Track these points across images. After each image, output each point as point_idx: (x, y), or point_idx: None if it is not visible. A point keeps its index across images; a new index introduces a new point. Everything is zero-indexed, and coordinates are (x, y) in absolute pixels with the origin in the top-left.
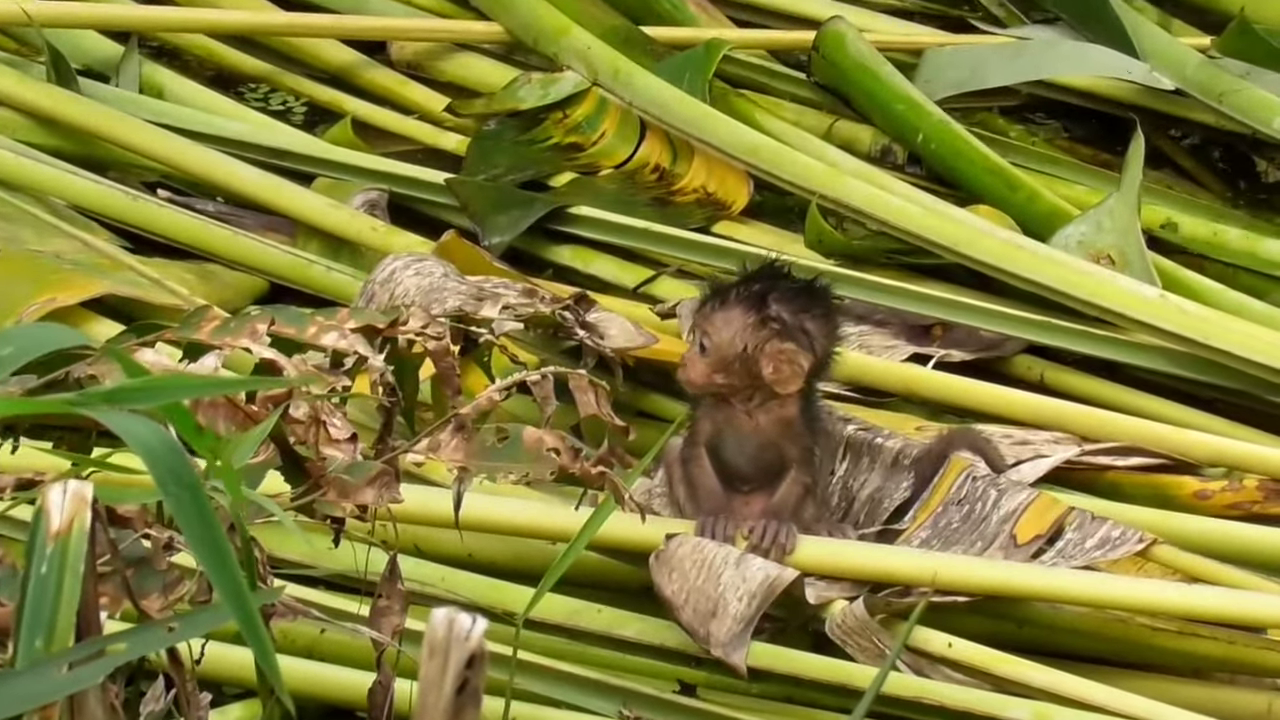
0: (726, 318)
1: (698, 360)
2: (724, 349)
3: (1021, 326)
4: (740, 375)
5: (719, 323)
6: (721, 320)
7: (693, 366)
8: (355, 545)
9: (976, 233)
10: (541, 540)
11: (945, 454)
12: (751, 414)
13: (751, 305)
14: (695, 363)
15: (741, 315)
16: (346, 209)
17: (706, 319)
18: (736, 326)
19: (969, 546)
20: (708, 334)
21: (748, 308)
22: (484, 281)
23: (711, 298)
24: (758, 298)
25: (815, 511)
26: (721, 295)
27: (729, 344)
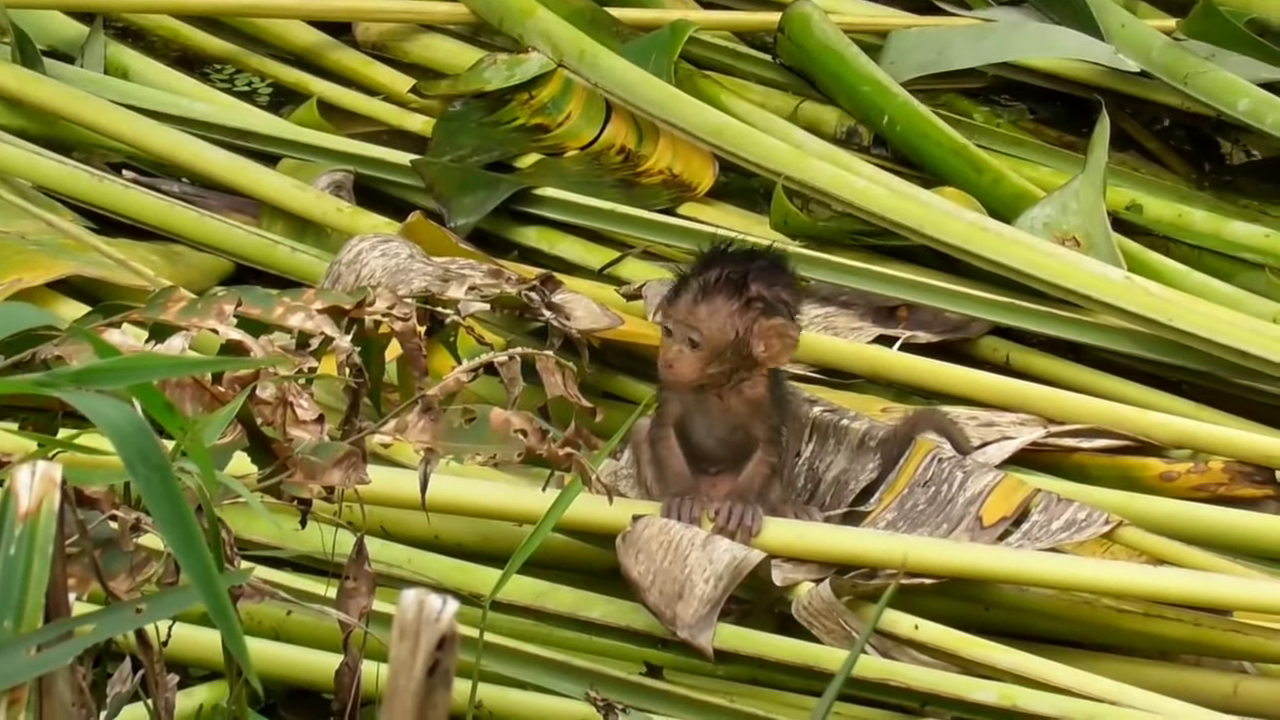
0: (711, 308)
1: (688, 357)
2: (716, 340)
3: (987, 308)
4: (732, 361)
5: (704, 315)
6: (706, 312)
7: (682, 365)
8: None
9: (942, 214)
10: (508, 522)
11: (911, 436)
12: (723, 395)
13: (733, 290)
14: (685, 360)
15: (725, 302)
16: (312, 190)
17: (689, 314)
18: (724, 314)
19: (935, 529)
20: (695, 329)
21: (730, 293)
22: (450, 263)
23: (683, 293)
24: (737, 281)
25: (781, 493)
26: (700, 288)
27: (720, 333)
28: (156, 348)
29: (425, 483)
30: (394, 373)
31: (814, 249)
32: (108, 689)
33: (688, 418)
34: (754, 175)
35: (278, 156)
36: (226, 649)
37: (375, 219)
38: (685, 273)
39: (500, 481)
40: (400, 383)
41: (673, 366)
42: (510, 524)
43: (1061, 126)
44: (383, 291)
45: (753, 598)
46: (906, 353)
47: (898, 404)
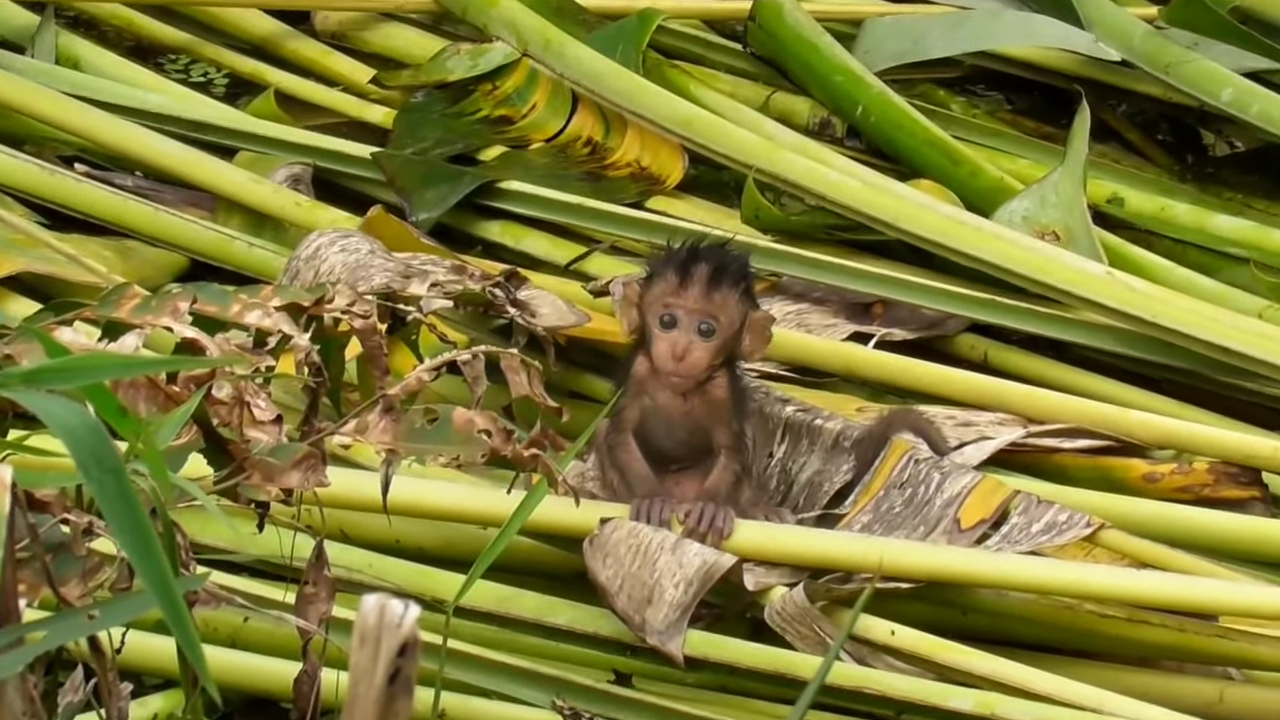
0: (724, 296)
1: (702, 347)
2: (727, 329)
3: (964, 304)
4: (727, 354)
5: (720, 301)
6: (721, 299)
7: (697, 354)
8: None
9: (918, 208)
10: (472, 525)
11: (887, 436)
12: (686, 396)
13: (736, 278)
14: (699, 350)
15: (732, 290)
16: (269, 184)
17: (705, 301)
18: (733, 302)
19: (911, 531)
20: (712, 316)
21: (734, 282)
22: (412, 258)
23: (689, 280)
24: (738, 270)
25: (752, 495)
26: (710, 274)
27: (731, 323)
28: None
29: (386, 485)
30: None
31: (786, 243)
32: (59, 698)
33: (646, 421)
34: (725, 168)
35: (234, 149)
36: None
37: (335, 213)
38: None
39: (464, 483)
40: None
41: (685, 358)
42: (474, 527)
43: (1040, 117)
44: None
45: (724, 603)
46: (881, 350)
47: (873, 403)
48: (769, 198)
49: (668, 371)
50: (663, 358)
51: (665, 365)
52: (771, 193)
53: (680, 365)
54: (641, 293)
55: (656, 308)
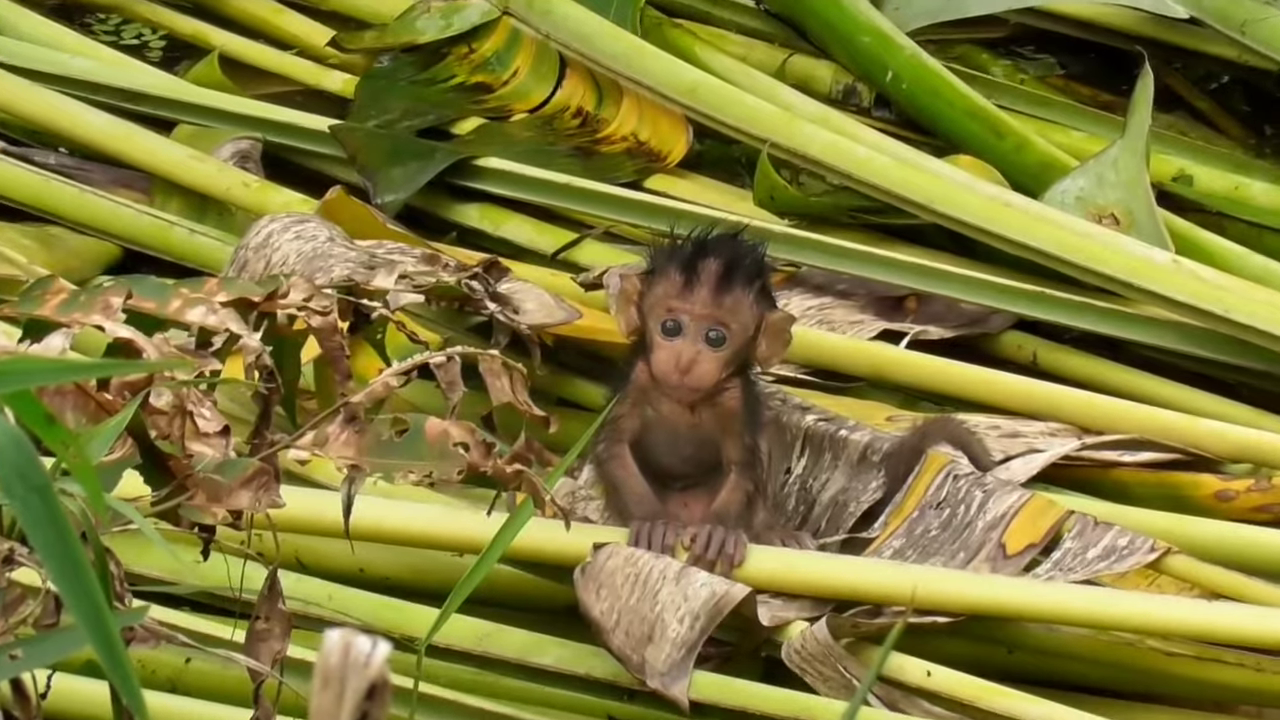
0: (735, 299)
1: (711, 357)
2: (739, 335)
3: (1010, 298)
4: (740, 362)
5: (730, 305)
6: (732, 302)
7: (706, 365)
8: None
9: (956, 187)
10: (446, 552)
11: (921, 449)
12: (694, 407)
13: (749, 278)
14: (708, 360)
15: (744, 292)
16: (213, 161)
17: (715, 305)
18: (746, 305)
19: (950, 558)
20: (722, 323)
21: (746, 282)
22: (376, 247)
23: (696, 281)
24: (752, 268)
25: (767, 517)
26: (719, 274)
27: (744, 328)
28: (32, 348)
29: (349, 506)
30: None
31: (805, 229)
32: None
33: (647, 434)
34: (735, 142)
35: (173, 122)
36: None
37: (288, 195)
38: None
39: (437, 504)
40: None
41: (693, 370)
42: (449, 554)
43: (1097, 83)
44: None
45: (735, 640)
46: (915, 351)
47: (905, 411)
48: (785, 176)
49: (670, 385)
50: (665, 369)
51: (668, 378)
52: (788, 171)
53: (685, 379)
54: (642, 288)
55: (659, 311)
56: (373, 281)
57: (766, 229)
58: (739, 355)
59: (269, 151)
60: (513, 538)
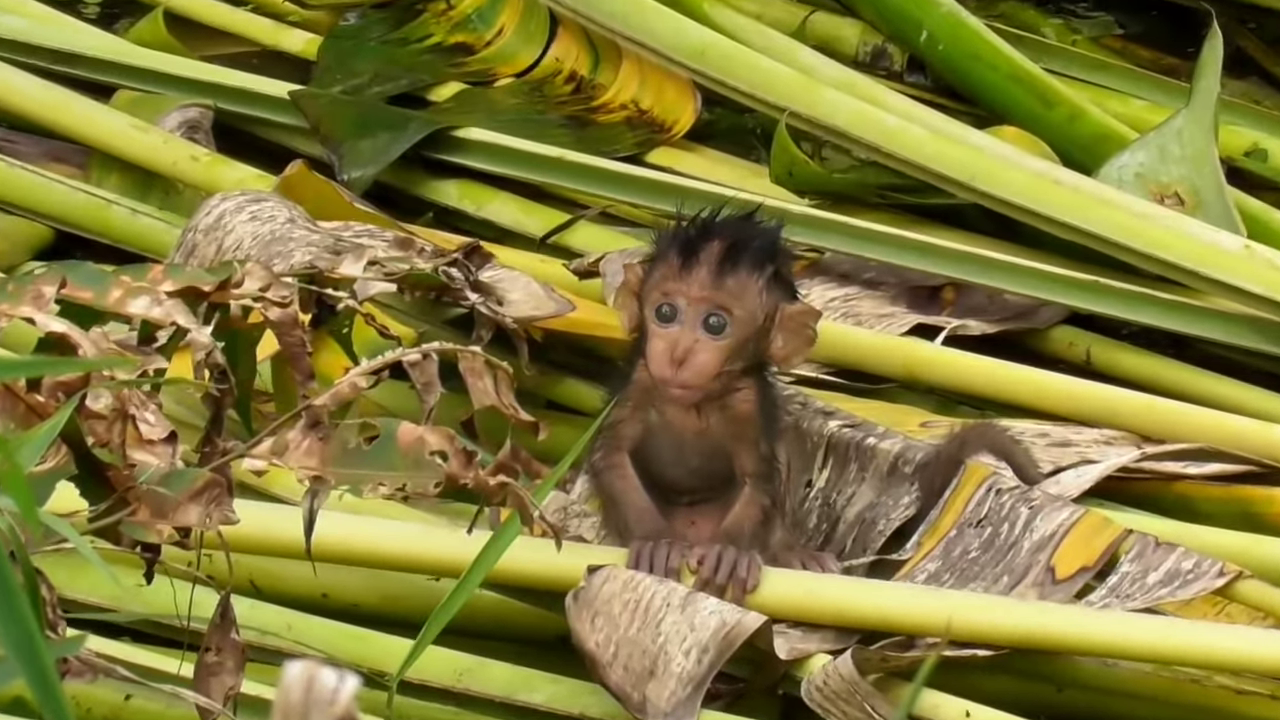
0: (740, 282)
1: (710, 347)
2: (744, 324)
3: (1060, 288)
4: (747, 358)
5: (734, 289)
6: (736, 286)
7: (704, 356)
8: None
9: (999, 163)
10: (421, 575)
11: (959, 459)
12: (702, 411)
13: (758, 261)
14: (707, 350)
15: (751, 276)
16: (157, 132)
17: (715, 287)
18: (753, 291)
19: (992, 582)
20: (723, 307)
21: (754, 265)
22: (343, 229)
23: (695, 262)
24: (762, 251)
25: (785, 536)
26: (723, 254)
27: (750, 317)
28: None
29: (311, 523)
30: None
31: (828, 209)
32: None
33: (650, 442)
34: (748, 111)
35: (113, 88)
36: None
37: (242, 171)
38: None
39: (411, 521)
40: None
41: (688, 360)
42: (424, 578)
43: (1159, 45)
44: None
45: (749, 675)
46: (953, 348)
47: (941, 416)
48: (806, 150)
49: (663, 380)
50: (658, 361)
51: (661, 371)
52: (809, 143)
53: (680, 372)
54: (644, 277)
55: (654, 295)
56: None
57: (784, 209)
58: (744, 348)
59: (221, 121)
60: (496, 559)
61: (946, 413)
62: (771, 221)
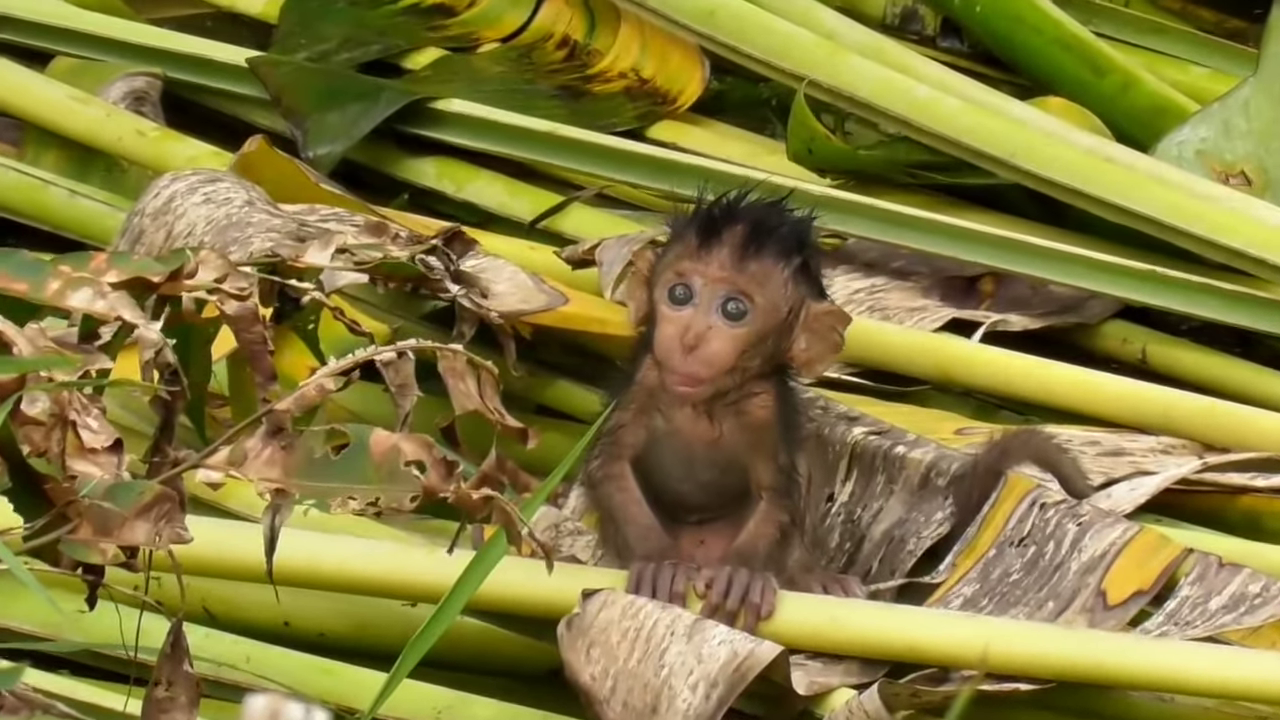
0: (766, 269)
1: (726, 335)
2: (767, 314)
3: (1111, 278)
4: (765, 358)
5: (758, 274)
6: (761, 271)
7: (718, 344)
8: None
9: (1044, 138)
10: (396, 601)
11: (999, 470)
12: (714, 417)
13: (785, 249)
14: (721, 338)
15: (777, 264)
16: (100, 103)
17: (736, 269)
18: (778, 280)
19: (1035, 608)
20: (746, 294)
21: (781, 253)
22: (308, 212)
23: (714, 241)
24: (791, 237)
25: (804, 556)
26: (746, 235)
27: (773, 306)
28: None
29: (272, 541)
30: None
31: (852, 189)
32: None
33: (655, 451)
34: (763, 80)
35: (50, 54)
36: None
37: (195, 147)
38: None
39: (384, 540)
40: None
41: (701, 347)
42: (399, 604)
43: (1223, 5)
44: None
45: (764, 712)
46: (992, 345)
47: (978, 422)
48: (827, 124)
49: (671, 367)
50: (666, 345)
51: (670, 358)
52: (831, 116)
53: (690, 360)
54: (655, 263)
55: (667, 276)
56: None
57: (804, 189)
58: (763, 343)
59: (170, 92)
60: (480, 582)
61: (985, 418)
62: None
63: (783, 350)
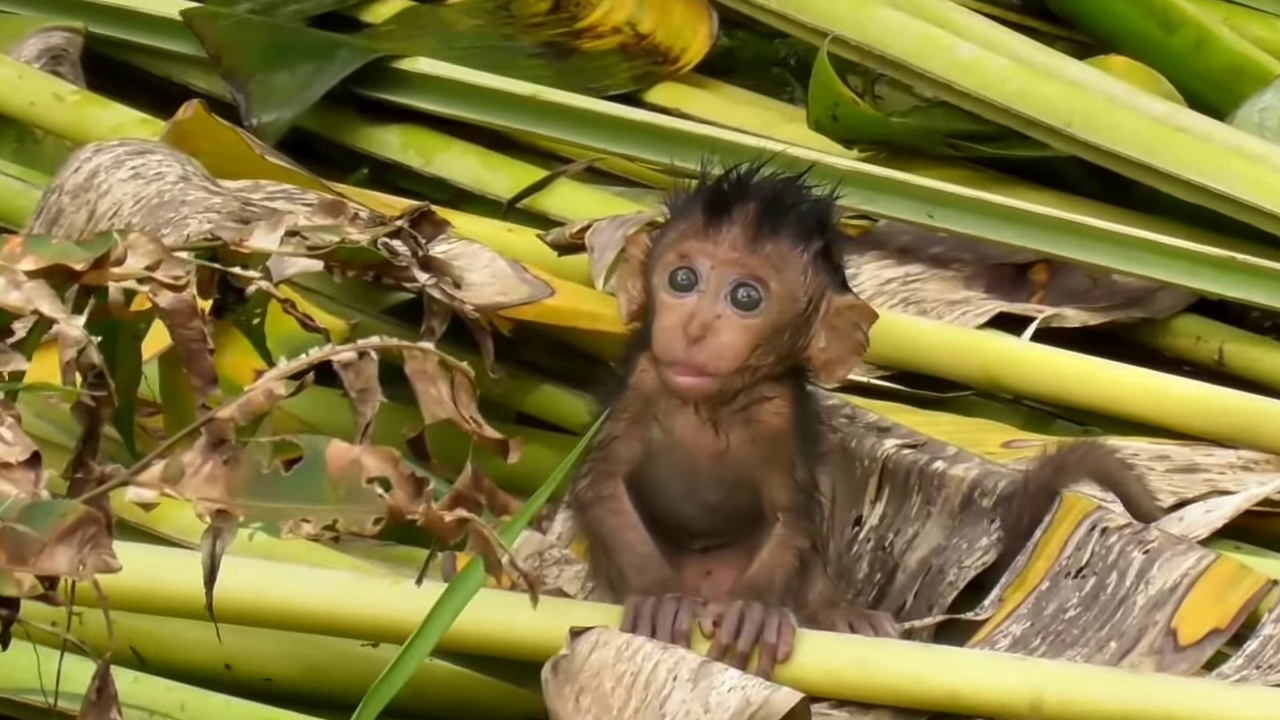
0: (784, 252)
1: (736, 325)
2: (783, 303)
3: (1184, 266)
4: (779, 356)
5: (774, 257)
6: (777, 254)
7: (727, 338)
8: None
9: (1106, 103)
10: (356, 640)
11: (1053, 489)
12: (719, 425)
13: (804, 232)
14: (731, 329)
15: (795, 245)
16: (11, 63)
17: (748, 251)
18: (796, 266)
19: (1095, 649)
20: (760, 279)
21: (804, 233)
22: (252, 189)
23: (723, 220)
24: (815, 218)
25: (827, 589)
26: (761, 215)
27: (790, 295)
28: None
29: (213, 571)
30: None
31: (882, 163)
32: None
33: (652, 467)
34: (779, 35)
35: None
36: None
37: (122, 114)
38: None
39: (342, 569)
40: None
41: (707, 339)
42: (358, 644)
43: None
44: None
45: None
46: (1045, 344)
47: (1029, 434)
48: (854, 86)
49: (670, 361)
50: (667, 337)
51: (669, 350)
52: (859, 78)
53: (695, 352)
54: (653, 245)
55: (669, 259)
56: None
57: (827, 163)
58: (777, 337)
59: (93, 49)
60: (453, 619)
61: (1037, 429)
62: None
63: (799, 349)
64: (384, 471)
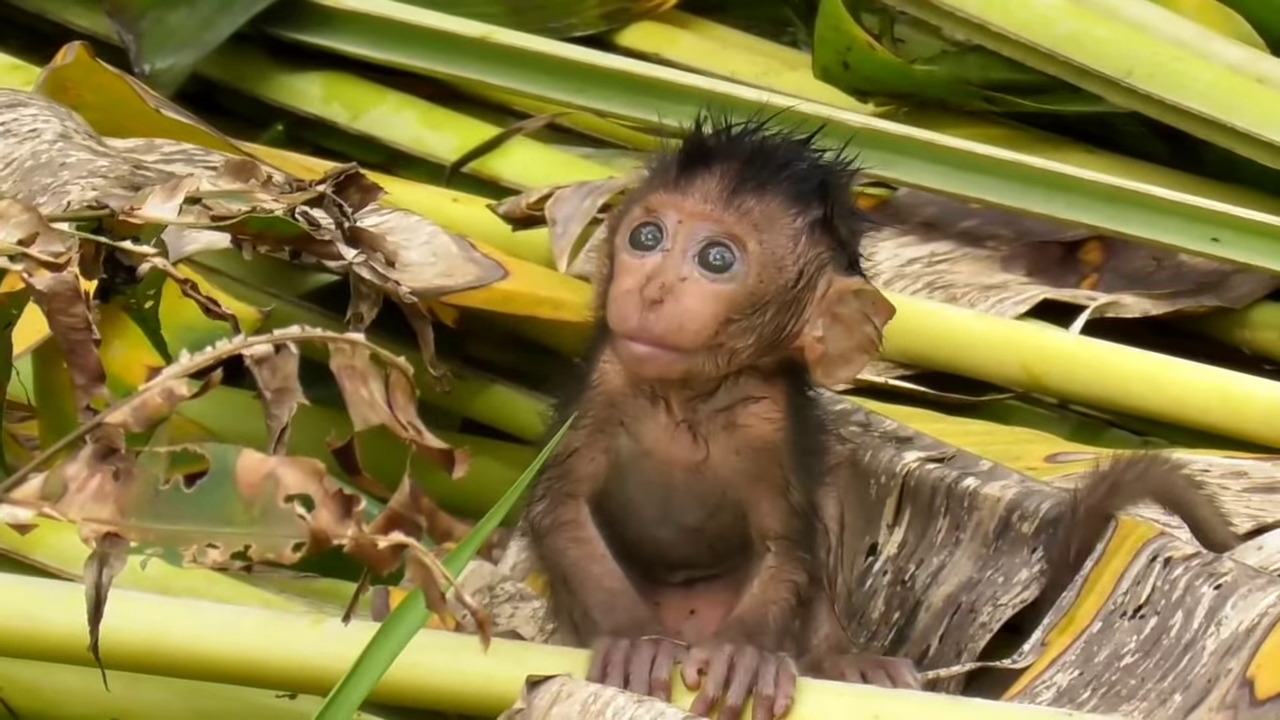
0: (769, 211)
1: (701, 290)
2: (763, 274)
3: (1263, 246)
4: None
5: (755, 217)
6: (761, 214)
7: (690, 303)
8: None
9: (1173, 49)
10: (270, 689)
11: (1107, 512)
12: (696, 430)
13: (802, 191)
14: (693, 295)
15: (784, 207)
16: None
17: (723, 205)
18: (786, 230)
19: (1157, 703)
20: (736, 237)
21: (795, 195)
22: (145, 149)
23: (699, 173)
24: (816, 179)
25: (833, 631)
26: (746, 169)
27: (773, 265)
28: None
29: (98, 606)
30: (32, 378)
31: (903, 120)
32: None
33: (621, 484)
34: None
35: None
36: None
37: None
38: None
39: (254, 605)
40: (42, 400)
41: (666, 302)
42: (273, 694)
43: None
44: (9, 209)
45: None
46: (1098, 338)
47: (1078, 446)
48: (870, 27)
49: (624, 331)
50: (619, 302)
51: (622, 319)
52: (875, 16)
53: (652, 319)
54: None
55: (633, 215)
56: (140, 210)
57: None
58: (756, 313)
59: None
60: (387, 665)
61: (1088, 440)
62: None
63: (788, 336)
64: (305, 488)
